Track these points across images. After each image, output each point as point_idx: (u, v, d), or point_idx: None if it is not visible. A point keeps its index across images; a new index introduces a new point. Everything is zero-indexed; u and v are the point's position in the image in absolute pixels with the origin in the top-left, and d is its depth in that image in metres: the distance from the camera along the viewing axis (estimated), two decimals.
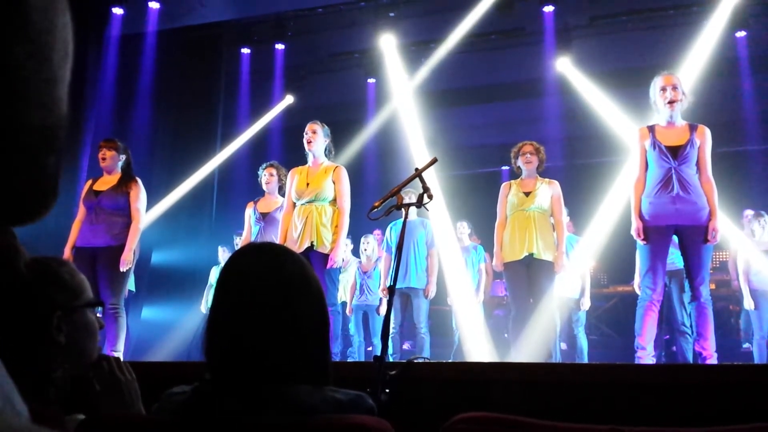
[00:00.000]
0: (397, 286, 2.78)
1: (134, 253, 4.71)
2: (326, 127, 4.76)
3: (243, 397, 1.11)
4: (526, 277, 4.73)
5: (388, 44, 8.79)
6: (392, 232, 5.88)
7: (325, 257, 4.44)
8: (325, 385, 1.18)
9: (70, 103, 0.53)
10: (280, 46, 9.43)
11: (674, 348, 5.71)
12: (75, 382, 1.34)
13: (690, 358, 5.04)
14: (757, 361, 5.84)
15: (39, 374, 1.25)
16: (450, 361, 6.06)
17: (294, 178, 4.72)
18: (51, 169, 0.51)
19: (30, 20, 0.46)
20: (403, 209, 2.94)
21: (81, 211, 4.82)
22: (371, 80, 9.83)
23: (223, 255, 7.68)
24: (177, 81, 8.76)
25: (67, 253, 4.66)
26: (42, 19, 0.47)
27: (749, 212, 6.77)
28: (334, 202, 4.61)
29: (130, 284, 6.39)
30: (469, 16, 8.36)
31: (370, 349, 7.22)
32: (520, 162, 4.90)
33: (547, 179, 4.91)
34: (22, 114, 0.47)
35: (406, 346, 6.88)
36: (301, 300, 1.20)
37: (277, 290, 1.18)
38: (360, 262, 7.17)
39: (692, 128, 4.03)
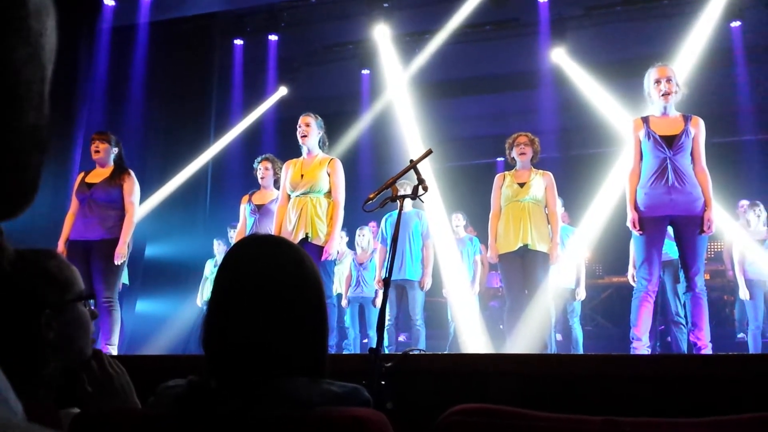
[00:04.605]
0: (392, 278, 2.77)
1: (128, 246, 4.69)
2: (320, 119, 4.75)
3: (239, 390, 1.11)
4: (520, 269, 4.73)
5: (382, 35, 8.75)
6: (387, 224, 5.88)
7: (320, 249, 4.44)
8: (321, 378, 1.18)
9: (62, 96, 0.54)
10: (273, 38, 9.37)
11: (669, 338, 5.73)
12: (68, 377, 1.33)
13: (685, 348, 5.05)
14: (752, 351, 5.86)
15: (29, 371, 1.24)
16: (446, 352, 6.07)
17: (288, 169, 4.72)
18: (35, 168, 0.52)
19: (29, 24, 0.48)
20: (398, 201, 2.93)
21: (74, 204, 4.79)
22: (365, 71, 9.79)
23: (218, 248, 7.66)
24: (169, 73, 8.71)
25: (61, 246, 4.64)
26: (36, 23, 0.49)
27: (744, 202, 6.79)
28: (329, 194, 4.60)
29: (124, 277, 6.37)
30: (464, 6, 8.33)
31: (365, 341, 7.23)
32: (514, 153, 4.89)
33: (540, 170, 4.91)
34: (19, 115, 0.48)
35: (401, 338, 6.89)
36: (300, 292, 1.19)
37: (276, 282, 1.18)
38: (355, 254, 7.16)
39: (686, 118, 4.04)
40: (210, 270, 7.71)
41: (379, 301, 6.46)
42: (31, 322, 1.24)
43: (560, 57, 8.68)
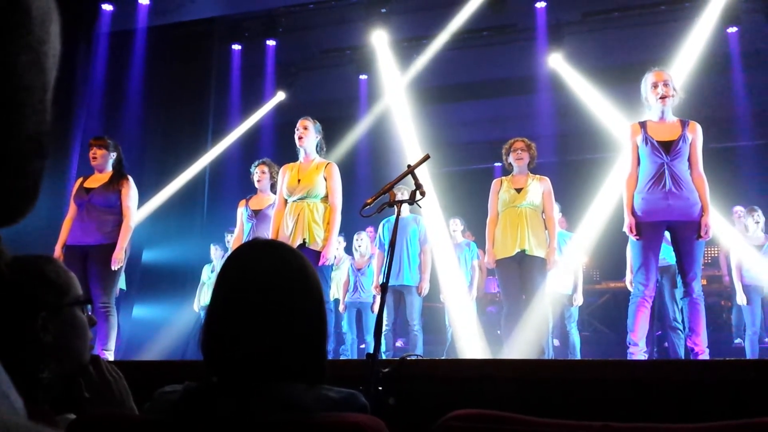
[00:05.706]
0: (390, 284, 2.77)
1: (125, 252, 4.69)
2: (318, 123, 4.75)
3: (237, 396, 1.11)
4: (518, 274, 4.73)
5: (380, 40, 8.76)
6: (385, 229, 5.88)
7: (317, 254, 4.43)
8: (319, 384, 1.18)
9: (59, 101, 0.54)
10: (271, 43, 9.38)
11: (666, 344, 5.73)
12: (66, 381, 1.33)
13: (682, 353, 5.06)
14: (749, 356, 5.87)
15: (26, 375, 1.24)
16: (443, 358, 6.06)
17: (285, 174, 4.70)
18: (36, 174, 0.52)
19: (31, 30, 0.48)
20: (395, 206, 2.93)
21: (72, 209, 4.80)
22: (363, 76, 9.81)
23: (216, 253, 7.65)
24: (167, 78, 8.70)
25: (58, 251, 4.63)
26: (39, 30, 0.49)
27: (739, 208, 6.80)
28: (325, 199, 4.59)
29: (121, 283, 6.36)
30: (462, 12, 8.35)
31: (362, 346, 7.22)
32: (511, 158, 4.89)
33: (538, 176, 4.91)
34: (20, 121, 0.48)
35: (399, 343, 6.87)
36: (300, 297, 1.19)
37: (277, 287, 1.18)
38: (353, 260, 7.16)
39: (684, 124, 4.04)
40: (207, 275, 7.70)
41: (376, 307, 6.45)
42: (28, 324, 1.24)
43: (557, 62, 8.70)
